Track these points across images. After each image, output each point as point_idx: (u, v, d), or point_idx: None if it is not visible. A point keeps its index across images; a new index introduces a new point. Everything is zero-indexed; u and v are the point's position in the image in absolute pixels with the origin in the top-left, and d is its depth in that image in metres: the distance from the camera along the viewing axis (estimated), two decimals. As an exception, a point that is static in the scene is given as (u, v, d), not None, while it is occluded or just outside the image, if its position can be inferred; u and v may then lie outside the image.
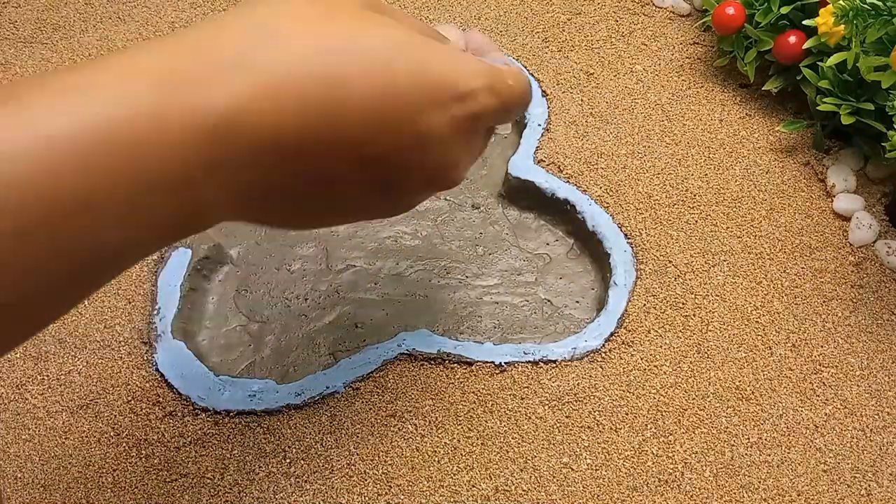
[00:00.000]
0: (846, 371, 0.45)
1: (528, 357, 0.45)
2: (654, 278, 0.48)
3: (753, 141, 0.54)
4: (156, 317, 0.46)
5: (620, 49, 0.59)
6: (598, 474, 0.41)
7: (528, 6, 0.61)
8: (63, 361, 0.45)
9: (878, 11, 0.44)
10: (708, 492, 0.41)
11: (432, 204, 0.53)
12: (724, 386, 0.44)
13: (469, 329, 0.48)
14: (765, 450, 0.42)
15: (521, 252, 0.51)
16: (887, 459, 0.42)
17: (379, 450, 0.42)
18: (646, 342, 0.46)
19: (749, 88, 0.57)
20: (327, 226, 0.37)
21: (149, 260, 0.48)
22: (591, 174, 0.52)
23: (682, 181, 0.52)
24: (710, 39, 0.59)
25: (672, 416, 0.43)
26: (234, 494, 0.41)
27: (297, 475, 0.41)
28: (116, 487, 0.41)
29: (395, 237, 0.51)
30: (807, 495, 0.41)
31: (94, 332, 0.46)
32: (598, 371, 0.45)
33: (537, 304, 0.49)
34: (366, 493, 0.41)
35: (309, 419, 0.43)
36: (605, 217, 0.50)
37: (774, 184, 0.52)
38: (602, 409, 0.43)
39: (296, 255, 0.50)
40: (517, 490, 0.41)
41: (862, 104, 0.49)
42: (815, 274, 0.48)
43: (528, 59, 0.58)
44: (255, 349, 0.47)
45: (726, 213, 0.51)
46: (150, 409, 0.43)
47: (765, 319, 0.47)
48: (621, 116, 0.55)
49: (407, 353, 0.45)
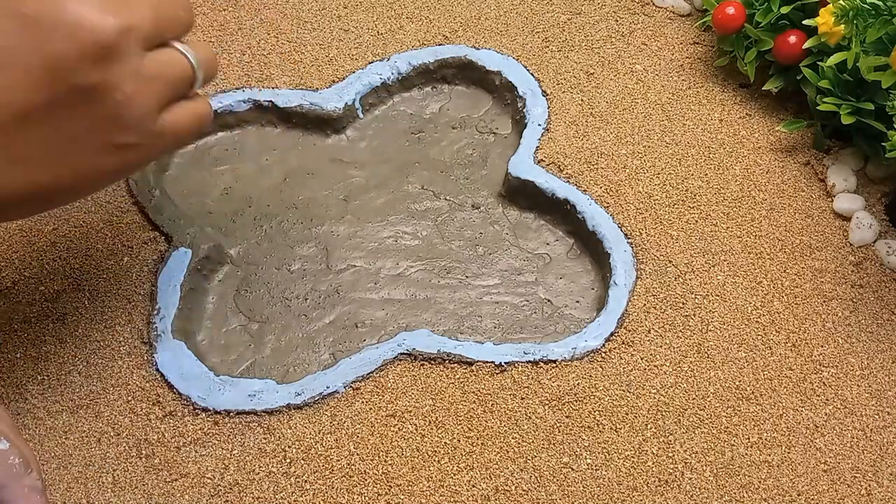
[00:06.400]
0: (846, 371, 0.45)
1: (528, 357, 0.45)
2: (654, 278, 0.48)
3: (753, 141, 0.54)
4: (156, 317, 0.46)
5: (620, 49, 0.59)
6: (598, 474, 0.41)
7: (528, 6, 0.61)
8: (63, 361, 0.45)
9: (878, 11, 0.44)
10: (708, 492, 0.41)
11: (432, 204, 0.53)
12: (724, 386, 0.44)
13: (469, 329, 0.48)
14: (765, 450, 0.42)
15: (521, 252, 0.51)
16: (887, 459, 0.42)
17: (379, 450, 0.42)
18: (646, 342, 0.46)
19: (749, 88, 0.57)
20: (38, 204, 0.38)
21: (149, 260, 0.48)
22: (591, 174, 0.52)
23: (682, 181, 0.52)
24: (710, 39, 0.59)
25: (672, 416, 0.43)
26: (234, 494, 0.41)
27: (297, 475, 0.41)
28: (116, 487, 0.41)
29: (395, 237, 0.51)
30: (807, 495, 0.41)
31: (94, 332, 0.46)
32: (598, 371, 0.45)
33: (537, 304, 0.49)
34: (366, 493, 0.41)
35: (309, 419, 0.43)
36: (605, 217, 0.50)
37: (774, 184, 0.52)
38: (602, 409, 0.43)
39: (296, 255, 0.50)
40: (517, 490, 0.41)
41: (862, 104, 0.49)
42: (815, 274, 0.48)
43: (528, 59, 0.58)
44: (255, 349, 0.47)
45: (726, 212, 0.51)
46: (150, 409, 0.43)
47: (765, 319, 0.47)
48: (621, 116, 0.55)
49: (407, 353, 0.45)
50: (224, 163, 0.54)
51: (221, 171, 0.54)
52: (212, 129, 0.55)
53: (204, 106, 0.39)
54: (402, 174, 0.54)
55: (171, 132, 0.37)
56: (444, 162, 0.55)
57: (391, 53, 0.57)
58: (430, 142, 0.56)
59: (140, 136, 0.35)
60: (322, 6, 0.61)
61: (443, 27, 0.59)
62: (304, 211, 0.52)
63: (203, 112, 0.39)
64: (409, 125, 0.56)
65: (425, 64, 0.57)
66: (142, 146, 0.36)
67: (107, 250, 0.49)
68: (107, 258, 0.48)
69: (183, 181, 0.53)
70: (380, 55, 0.57)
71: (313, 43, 0.58)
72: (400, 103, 0.58)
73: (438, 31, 0.59)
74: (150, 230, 0.49)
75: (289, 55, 0.58)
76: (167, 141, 0.37)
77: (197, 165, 0.54)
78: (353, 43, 0.58)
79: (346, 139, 0.56)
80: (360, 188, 0.53)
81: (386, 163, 0.55)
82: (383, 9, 0.60)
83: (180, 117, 0.37)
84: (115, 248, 0.49)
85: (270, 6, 0.61)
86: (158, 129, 0.36)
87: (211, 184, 0.53)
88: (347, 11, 0.60)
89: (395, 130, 0.56)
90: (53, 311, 0.46)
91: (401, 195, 0.53)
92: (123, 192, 0.51)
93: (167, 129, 0.36)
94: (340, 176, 0.54)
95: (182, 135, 0.38)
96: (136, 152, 0.36)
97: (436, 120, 0.57)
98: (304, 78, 0.56)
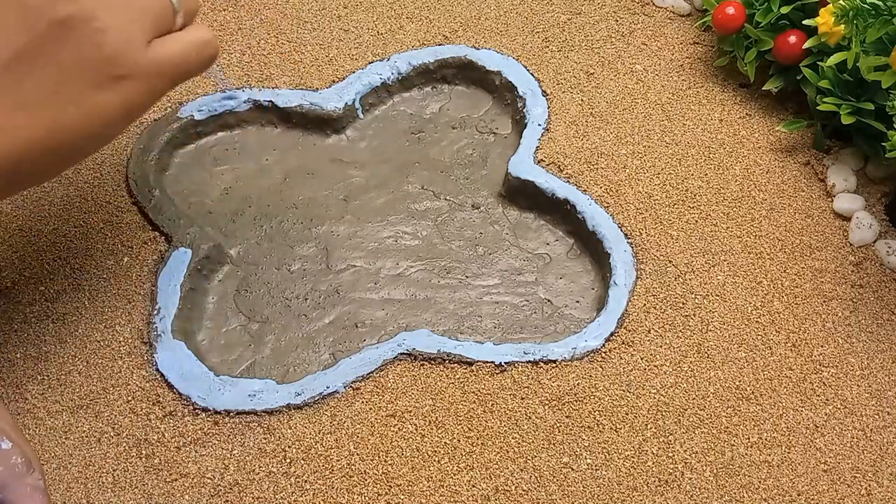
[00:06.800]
0: (846, 371, 0.45)
1: (528, 357, 0.45)
2: (654, 278, 0.48)
3: (753, 141, 0.54)
4: (156, 317, 0.46)
5: (620, 49, 0.59)
6: (598, 474, 0.41)
7: (528, 6, 0.61)
8: (63, 361, 0.45)
9: (878, 11, 0.44)
10: (708, 492, 0.41)
11: (432, 204, 0.53)
12: (724, 386, 0.44)
13: (469, 329, 0.48)
14: (765, 450, 0.42)
15: (521, 252, 0.51)
16: (887, 459, 0.42)
17: (379, 450, 0.42)
18: (646, 342, 0.46)
19: (749, 88, 0.57)
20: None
21: (149, 260, 0.48)
22: (591, 174, 0.52)
23: (682, 181, 0.52)
24: (710, 39, 0.59)
25: (672, 416, 0.43)
26: (234, 494, 0.41)
27: (297, 475, 0.41)
28: (116, 487, 0.41)
29: (395, 237, 0.51)
30: (807, 495, 0.41)
31: (94, 332, 0.46)
32: (598, 371, 0.45)
33: (537, 304, 0.49)
34: (366, 493, 0.41)
35: (309, 419, 0.43)
36: (605, 217, 0.50)
37: (774, 184, 0.52)
38: (602, 409, 0.43)
39: (296, 255, 0.50)
40: (517, 490, 0.41)
41: (862, 104, 0.49)
42: (815, 274, 0.48)
43: (528, 59, 0.58)
44: (255, 349, 0.47)
45: (726, 212, 0.51)
46: (150, 409, 0.43)
47: (765, 319, 0.47)
48: (621, 116, 0.55)
49: (407, 353, 0.45)
50: (224, 163, 0.54)
51: (221, 171, 0.54)
52: (212, 129, 0.55)
53: (199, 33, 0.40)
54: (402, 174, 0.54)
55: (165, 62, 0.38)
56: (444, 162, 0.55)
57: (391, 53, 0.57)
58: (430, 142, 0.56)
59: (131, 66, 0.36)
60: (322, 6, 0.61)
61: (443, 27, 0.59)
62: (304, 211, 0.52)
63: (198, 39, 0.40)
64: (409, 125, 0.56)
65: (425, 64, 0.57)
66: (138, 77, 0.37)
67: (107, 250, 0.49)
68: (107, 258, 0.48)
69: (183, 181, 0.53)
70: (380, 55, 0.57)
71: (313, 43, 0.58)
72: (400, 103, 0.58)
73: (438, 31, 0.59)
74: (150, 230, 0.49)
75: (289, 55, 0.58)
76: (165, 71, 0.38)
77: (197, 165, 0.54)
78: (353, 43, 0.58)
79: (346, 139, 0.56)
80: (360, 188, 0.53)
81: (386, 163, 0.55)
82: (383, 9, 0.60)
83: (173, 47, 0.38)
84: (115, 248, 0.49)
85: (270, 6, 0.61)
86: (149, 59, 0.37)
87: (211, 184, 0.53)
88: (347, 11, 0.60)
89: (395, 130, 0.56)
90: (53, 311, 0.46)
91: (401, 195, 0.53)
92: (123, 192, 0.51)
93: (160, 58, 0.38)
94: (340, 176, 0.54)
95: (180, 64, 0.39)
96: (135, 85, 0.37)
97: (436, 120, 0.57)
98: (304, 78, 0.56)
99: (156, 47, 0.37)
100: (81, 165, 0.52)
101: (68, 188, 0.51)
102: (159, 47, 0.38)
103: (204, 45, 0.40)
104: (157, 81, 0.38)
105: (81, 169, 0.52)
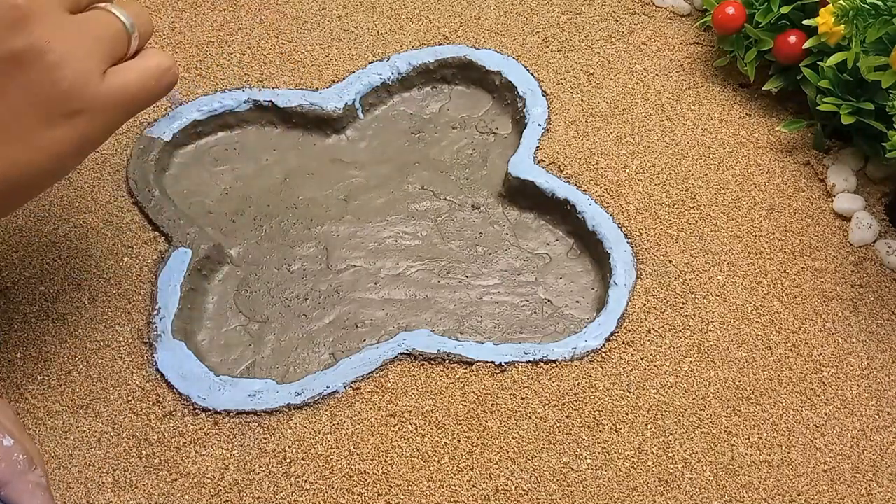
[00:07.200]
0: (846, 371, 0.45)
1: (528, 357, 0.45)
2: (654, 278, 0.48)
3: (753, 141, 0.54)
4: (156, 317, 0.46)
5: (620, 49, 0.59)
6: (598, 474, 0.41)
7: (528, 6, 0.61)
8: (63, 361, 0.45)
9: (878, 11, 0.44)
10: (708, 492, 0.41)
11: (432, 204, 0.53)
12: (724, 386, 0.44)
13: (469, 329, 0.48)
14: (765, 450, 0.42)
15: (521, 252, 0.51)
16: (887, 459, 0.42)
17: (379, 450, 0.42)
18: (646, 342, 0.46)
19: (749, 88, 0.57)
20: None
21: (149, 260, 0.48)
22: (591, 174, 0.52)
23: (682, 181, 0.52)
24: (710, 39, 0.59)
25: (672, 416, 0.43)
26: (234, 494, 0.41)
27: (297, 475, 0.41)
28: (116, 487, 0.41)
29: (395, 237, 0.51)
30: (807, 495, 0.41)
31: (94, 332, 0.46)
32: (598, 371, 0.45)
33: (537, 304, 0.49)
34: (366, 493, 0.41)
35: (309, 419, 0.43)
36: (605, 217, 0.50)
37: (774, 184, 0.52)
38: (602, 409, 0.43)
39: (296, 255, 0.50)
40: (517, 490, 0.41)
41: (862, 104, 0.49)
42: (815, 274, 0.48)
43: (528, 59, 0.58)
44: (255, 349, 0.47)
45: (726, 213, 0.51)
46: (150, 409, 0.43)
47: (765, 319, 0.47)
48: (621, 116, 0.55)
49: (407, 353, 0.45)
50: (224, 163, 0.54)
51: (221, 171, 0.54)
52: (212, 128, 0.55)
53: (157, 59, 0.37)
54: (402, 174, 0.54)
55: (122, 93, 0.36)
56: (444, 162, 0.55)
57: (391, 53, 0.57)
58: (430, 142, 0.56)
59: (88, 100, 0.35)
60: (322, 6, 0.61)
61: (443, 27, 0.59)
62: (304, 211, 0.52)
63: (156, 66, 0.37)
64: (409, 125, 0.56)
65: (425, 64, 0.57)
66: (93, 111, 0.35)
67: (107, 250, 0.49)
68: (107, 258, 0.48)
69: (183, 181, 0.53)
70: (380, 55, 0.57)
71: (313, 43, 0.58)
72: (400, 103, 0.58)
73: (438, 31, 0.59)
74: (150, 230, 0.49)
75: (289, 55, 0.58)
76: (122, 103, 0.36)
77: (197, 165, 0.54)
78: (353, 43, 0.58)
79: (346, 139, 0.56)
80: (360, 188, 0.53)
81: (386, 163, 0.55)
82: (383, 9, 0.60)
83: (130, 76, 0.36)
84: (115, 248, 0.49)
85: (270, 6, 0.61)
86: (106, 91, 0.35)
87: (211, 184, 0.53)
88: (347, 11, 0.60)
89: (395, 130, 0.56)
90: (53, 311, 0.46)
91: (401, 195, 0.53)
92: (123, 192, 0.51)
93: (117, 89, 0.35)
94: (340, 176, 0.54)
95: (137, 94, 0.37)
96: (90, 120, 0.35)
97: (436, 120, 0.57)
98: (304, 78, 0.56)
99: (112, 77, 0.35)
100: (81, 165, 0.52)
101: (68, 188, 0.51)
102: (116, 77, 0.36)
103: (163, 73, 0.38)
104: (114, 114, 0.36)
105: (81, 169, 0.52)
